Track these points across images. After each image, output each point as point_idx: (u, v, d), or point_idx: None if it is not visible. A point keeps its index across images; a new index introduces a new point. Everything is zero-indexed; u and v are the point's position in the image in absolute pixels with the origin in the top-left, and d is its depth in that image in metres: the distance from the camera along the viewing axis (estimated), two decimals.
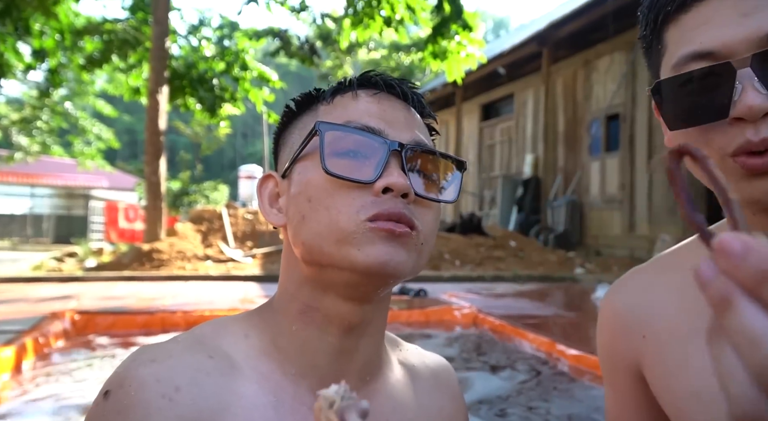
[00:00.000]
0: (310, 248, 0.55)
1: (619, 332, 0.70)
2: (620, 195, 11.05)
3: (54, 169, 23.01)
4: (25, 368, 3.71)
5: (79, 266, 9.57)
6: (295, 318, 0.58)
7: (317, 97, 0.62)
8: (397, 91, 0.60)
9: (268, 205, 0.61)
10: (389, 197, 0.54)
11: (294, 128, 0.62)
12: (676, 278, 0.67)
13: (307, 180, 0.56)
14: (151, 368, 0.51)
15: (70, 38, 10.63)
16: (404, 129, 0.58)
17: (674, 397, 0.62)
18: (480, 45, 9.28)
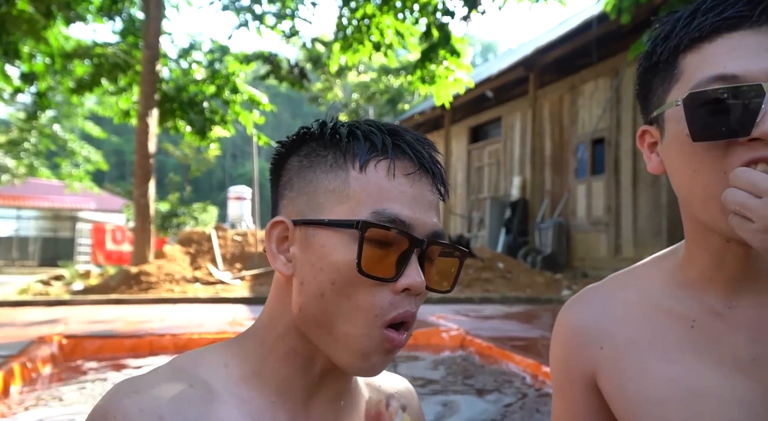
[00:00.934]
0: (317, 323, 0.58)
1: (576, 345, 0.76)
2: (606, 218, 11.21)
3: (41, 191, 22.85)
4: (13, 392, 3.69)
5: (66, 290, 9.49)
6: (279, 357, 0.61)
7: (345, 146, 0.60)
8: (428, 169, 0.61)
9: (276, 250, 0.61)
10: (405, 296, 0.57)
11: (315, 168, 0.60)
12: (633, 296, 0.75)
13: (332, 260, 0.56)
14: (134, 398, 0.53)
15: (60, 62, 10.69)
16: (428, 215, 0.59)
17: (631, 402, 0.69)
18: (468, 70, 9.48)
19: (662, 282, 0.73)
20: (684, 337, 0.69)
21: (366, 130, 0.61)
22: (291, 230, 0.60)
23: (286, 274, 0.60)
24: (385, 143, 0.60)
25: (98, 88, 11.01)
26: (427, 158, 0.61)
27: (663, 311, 0.71)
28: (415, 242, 0.57)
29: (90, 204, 23.72)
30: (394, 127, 0.62)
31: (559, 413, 0.80)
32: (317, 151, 0.61)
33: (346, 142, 0.60)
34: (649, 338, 0.71)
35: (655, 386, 0.68)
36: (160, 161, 28.35)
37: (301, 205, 0.60)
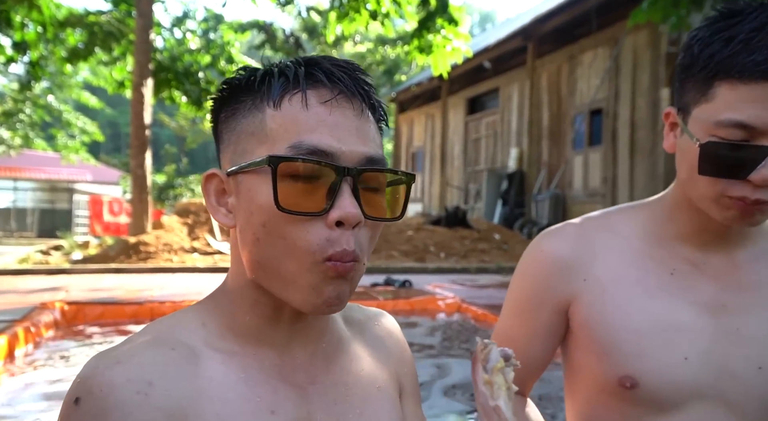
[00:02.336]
0: (263, 268, 0.57)
1: (557, 272, 0.85)
2: (603, 189, 11.25)
3: (37, 163, 22.74)
4: (18, 355, 3.77)
5: (65, 259, 9.55)
6: (247, 310, 0.60)
7: (261, 87, 0.58)
8: (352, 93, 0.58)
9: (216, 202, 0.60)
10: (341, 231, 0.54)
11: (237, 115, 0.59)
12: (611, 237, 0.86)
13: (259, 203, 0.55)
14: (117, 369, 0.51)
15: (52, 30, 10.54)
16: (356, 142, 0.56)
17: (614, 331, 0.80)
18: (466, 39, 9.38)
19: (643, 232, 0.85)
20: (665, 280, 0.81)
21: (282, 67, 0.59)
22: (225, 181, 0.59)
23: (229, 225, 0.59)
24: (298, 75, 0.57)
25: (91, 57, 10.88)
26: (347, 83, 0.57)
27: (647, 257, 0.83)
28: (341, 171, 0.54)
29: (86, 176, 23.64)
30: (314, 57, 0.60)
31: (513, 330, 0.89)
32: (238, 98, 0.60)
33: (260, 82, 0.58)
34: (632, 278, 0.82)
35: (635, 318, 0.79)
36: (155, 133, 28.15)
37: (229, 154, 0.59)
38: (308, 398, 0.61)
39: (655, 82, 9.79)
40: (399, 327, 0.78)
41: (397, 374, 0.73)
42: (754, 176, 0.69)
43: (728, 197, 0.72)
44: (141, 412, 0.50)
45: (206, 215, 11.18)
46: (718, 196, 0.73)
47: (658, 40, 9.75)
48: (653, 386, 0.77)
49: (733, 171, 0.70)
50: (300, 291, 0.55)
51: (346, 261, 0.54)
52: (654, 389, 0.77)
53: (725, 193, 0.72)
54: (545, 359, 0.89)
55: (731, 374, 0.76)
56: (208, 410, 0.54)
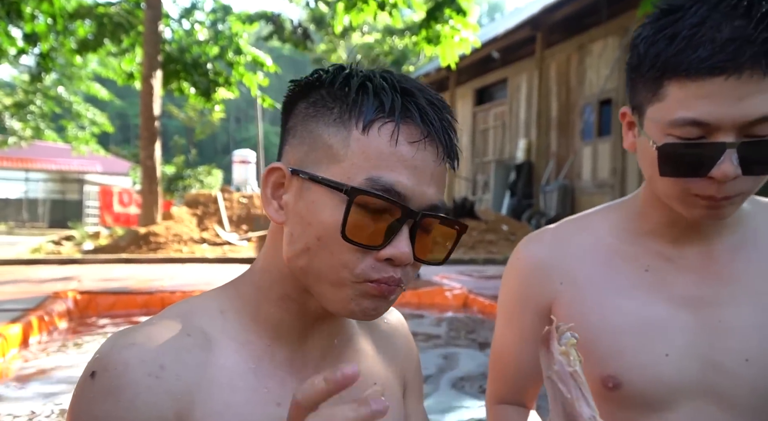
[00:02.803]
0: (305, 274, 0.58)
1: (535, 278, 0.86)
2: (611, 180, 11.20)
3: (48, 154, 22.93)
4: (32, 342, 3.85)
5: (77, 249, 9.67)
6: (273, 301, 0.61)
7: (354, 105, 0.57)
8: (437, 138, 0.58)
9: (270, 195, 0.61)
10: (388, 265, 0.56)
11: (319, 119, 0.59)
12: (589, 240, 0.86)
13: (321, 219, 0.56)
14: (133, 350, 0.53)
15: (62, 22, 10.59)
16: (429, 187, 0.57)
17: (591, 331, 0.80)
18: (474, 29, 9.33)
19: (616, 230, 0.85)
20: (638, 278, 0.81)
21: (378, 86, 0.58)
22: (287, 177, 0.59)
23: (277, 220, 0.60)
24: (394, 104, 0.56)
25: (101, 48, 10.93)
26: (437, 126, 0.58)
27: (619, 255, 0.83)
28: (407, 214, 0.55)
29: (96, 167, 23.82)
30: (410, 85, 0.59)
31: (506, 337, 0.90)
32: (324, 101, 0.59)
33: (354, 97, 0.57)
34: (606, 277, 0.83)
35: (611, 317, 0.80)
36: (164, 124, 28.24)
37: (300, 154, 0.59)
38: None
39: None
40: (406, 324, 0.80)
41: (403, 372, 0.74)
42: (715, 173, 0.68)
43: (694, 195, 0.71)
44: (150, 393, 0.52)
45: (215, 206, 11.26)
46: (684, 194, 0.72)
47: None
48: (636, 385, 0.77)
49: (694, 169, 0.69)
50: (339, 300, 0.57)
51: (390, 284, 0.56)
52: (637, 388, 0.77)
53: (690, 191, 0.71)
54: (539, 364, 0.88)
55: (718, 368, 0.75)
56: (216, 396, 0.56)
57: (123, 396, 0.51)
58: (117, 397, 0.51)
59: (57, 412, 2.78)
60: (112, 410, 0.51)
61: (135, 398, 0.52)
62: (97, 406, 0.52)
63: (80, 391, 0.54)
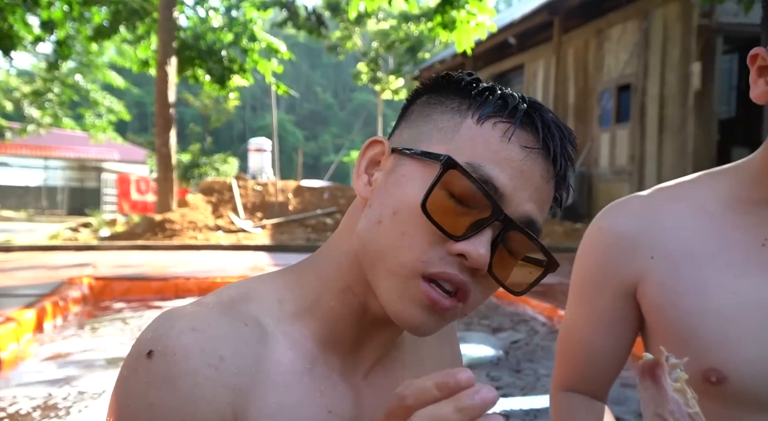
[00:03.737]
0: (366, 252, 0.55)
1: (620, 251, 0.74)
2: (630, 167, 11.02)
3: (66, 142, 23.23)
4: (47, 327, 3.89)
5: (94, 236, 9.78)
6: (335, 293, 0.58)
7: (477, 98, 0.56)
8: (551, 154, 0.54)
9: (364, 169, 0.58)
10: (458, 261, 0.51)
11: (438, 107, 0.57)
12: (685, 208, 0.73)
13: (404, 191, 0.53)
14: (193, 337, 0.51)
15: (78, 9, 10.63)
16: (527, 200, 0.53)
17: (687, 314, 0.68)
18: (491, 14, 9.18)
19: (724, 198, 0.72)
20: (753, 252, 0.68)
21: (505, 92, 0.56)
22: (386, 154, 0.57)
23: (363, 194, 0.57)
24: (518, 108, 0.54)
25: (116, 35, 10.97)
26: (557, 143, 0.54)
27: (730, 224, 0.70)
28: (497, 214, 0.51)
29: (114, 155, 24.07)
30: (539, 103, 0.56)
31: (577, 318, 0.78)
32: (448, 95, 0.57)
33: (478, 92, 0.56)
34: (710, 251, 0.70)
35: (717, 298, 0.67)
36: (180, 112, 28.44)
37: (406, 135, 0.57)
38: (362, 402, 0.60)
39: (686, 57, 9.48)
40: (455, 333, 0.76)
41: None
42: None
43: None
44: (209, 385, 0.49)
45: (230, 194, 11.30)
46: None
47: (689, 13, 9.40)
48: (746, 379, 0.65)
49: None
50: (390, 292, 0.53)
51: (447, 291, 0.51)
52: (747, 383, 0.65)
53: None
54: (616, 351, 0.77)
55: None
56: (270, 395, 0.53)
57: (182, 385, 0.49)
58: (175, 385, 0.49)
59: (74, 394, 2.81)
60: (168, 398, 0.48)
61: (193, 390, 0.49)
62: (152, 391, 0.49)
63: (134, 371, 0.50)
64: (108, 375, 3.09)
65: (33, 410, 2.61)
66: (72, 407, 2.65)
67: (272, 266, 6.65)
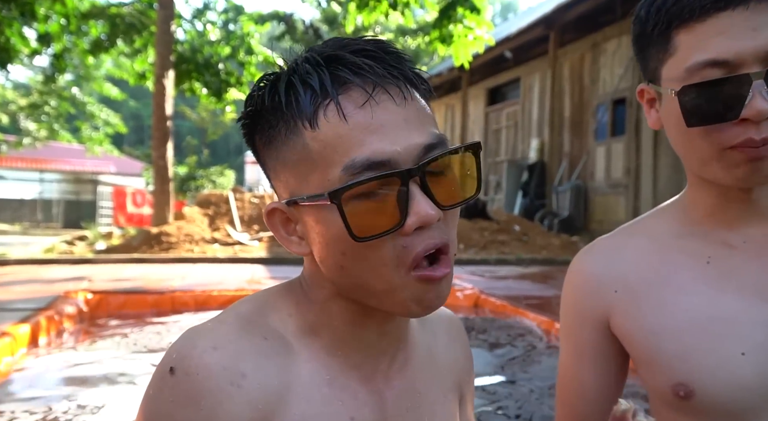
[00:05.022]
0: (353, 292, 0.56)
1: (589, 291, 0.80)
2: (625, 180, 11.06)
3: (62, 155, 23.19)
4: (42, 342, 3.84)
5: (89, 249, 9.72)
6: (335, 315, 0.59)
7: (288, 107, 0.53)
8: (383, 82, 0.52)
9: (285, 234, 0.58)
10: (419, 233, 0.52)
11: (274, 143, 0.55)
12: (643, 242, 0.79)
13: (332, 233, 0.53)
14: (215, 355, 0.51)
15: (75, 22, 10.67)
16: (409, 135, 0.52)
17: (650, 335, 0.73)
18: (489, 27, 9.25)
19: (671, 226, 0.78)
20: (700, 271, 0.73)
21: (303, 74, 0.53)
22: (288, 211, 0.57)
23: (305, 253, 0.57)
24: (324, 83, 0.52)
25: (114, 49, 11.01)
26: (378, 70, 0.52)
27: (676, 250, 0.75)
28: (404, 176, 0.50)
29: (110, 167, 24.03)
30: (334, 49, 0.54)
31: (567, 355, 0.83)
32: (269, 123, 0.55)
33: (287, 102, 0.53)
34: (663, 276, 0.75)
35: (672, 316, 0.72)
36: (177, 125, 28.48)
37: (283, 184, 0.57)
38: (384, 405, 0.60)
39: None
40: (465, 331, 0.77)
41: (460, 380, 0.72)
42: (748, 112, 0.61)
43: (731, 148, 0.63)
44: (232, 403, 0.51)
45: (226, 206, 11.28)
46: (719, 152, 0.64)
47: None
48: (710, 391, 0.67)
49: (723, 112, 0.62)
50: (398, 304, 0.54)
51: (435, 259, 0.53)
52: (712, 394, 0.67)
53: (727, 143, 0.63)
54: (605, 387, 0.80)
55: None
56: (294, 407, 0.54)
57: (204, 404, 0.50)
58: (198, 404, 0.50)
59: (73, 408, 2.78)
60: (192, 417, 0.50)
61: (216, 407, 0.50)
62: (177, 411, 0.50)
63: (159, 390, 0.52)
64: (104, 390, 3.06)
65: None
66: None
67: (269, 279, 6.62)
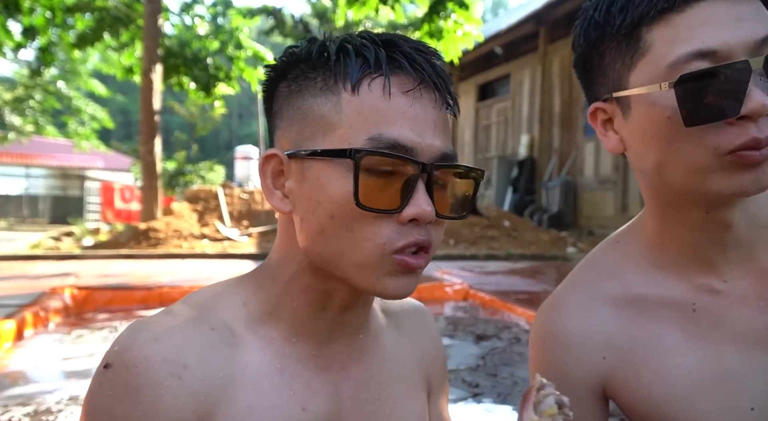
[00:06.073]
0: (325, 260, 0.54)
1: (575, 358, 0.70)
2: (614, 176, 11.13)
3: (48, 150, 22.92)
4: (27, 338, 3.80)
5: (76, 245, 9.63)
6: (295, 295, 0.57)
7: (336, 66, 0.54)
8: (432, 83, 0.54)
9: (272, 185, 0.57)
10: (413, 226, 0.52)
11: (304, 93, 0.55)
12: (609, 288, 0.70)
13: (329, 194, 0.52)
14: (156, 347, 0.50)
15: (61, 16, 10.53)
16: (434, 136, 0.54)
17: (658, 405, 0.66)
18: (477, 23, 9.25)
19: (640, 267, 0.69)
20: (688, 324, 0.66)
21: (358, 44, 0.54)
22: (285, 163, 0.55)
23: (284, 210, 0.56)
24: (379, 58, 0.53)
25: (100, 42, 10.87)
26: (429, 71, 0.54)
27: (655, 301, 0.68)
28: (419, 168, 0.52)
29: (98, 163, 23.80)
30: (391, 36, 0.56)
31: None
32: (305, 74, 0.55)
33: (335, 60, 0.54)
34: (651, 334, 0.67)
35: (678, 383, 0.65)
36: (165, 120, 28.27)
37: (293, 135, 0.55)
38: (340, 396, 0.59)
39: None
40: (434, 322, 0.75)
41: (428, 373, 0.71)
42: (750, 106, 0.53)
43: (731, 152, 0.55)
44: (172, 395, 0.49)
45: (215, 202, 11.21)
46: (718, 156, 0.56)
47: None
48: None
49: (725, 107, 0.54)
50: (366, 280, 0.54)
51: (417, 252, 0.53)
52: None
53: (726, 147, 0.55)
54: None
55: None
56: (240, 398, 0.53)
57: (143, 397, 0.49)
58: (137, 398, 0.49)
59: (66, 399, 2.74)
60: (131, 411, 0.49)
61: (156, 400, 0.49)
62: (116, 405, 0.49)
63: (98, 386, 0.50)
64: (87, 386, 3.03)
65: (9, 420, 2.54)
66: (55, 417, 2.58)
67: None
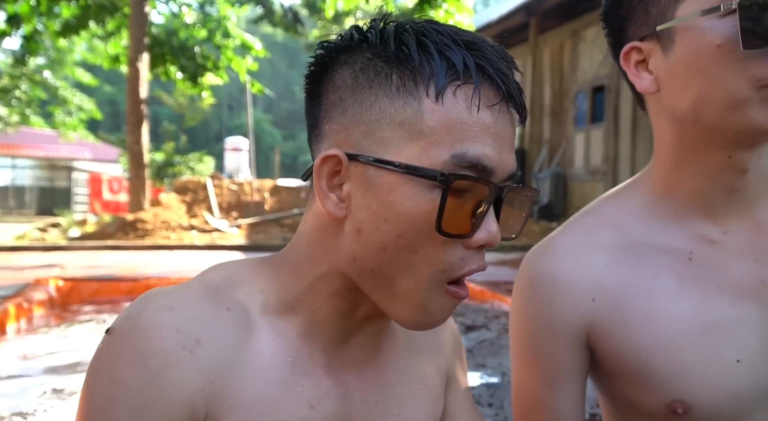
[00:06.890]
0: (375, 276, 0.51)
1: (563, 303, 0.67)
2: (604, 167, 11.16)
3: (35, 140, 22.60)
4: (10, 330, 3.75)
5: (62, 236, 9.53)
6: (319, 297, 0.54)
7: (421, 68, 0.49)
8: (515, 97, 0.51)
9: (326, 187, 0.51)
10: (477, 251, 0.50)
11: (377, 91, 0.50)
12: (608, 238, 0.69)
13: (403, 213, 0.48)
14: (170, 315, 0.47)
15: (46, 3, 10.35)
16: (509, 154, 0.51)
17: (644, 351, 0.64)
18: (469, 13, 9.20)
19: (640, 218, 0.69)
20: (683, 271, 0.66)
21: (440, 44, 0.49)
22: (345, 165, 0.50)
23: (338, 215, 0.51)
24: (467, 64, 0.48)
25: (85, 31, 10.71)
26: (513, 84, 0.50)
27: (653, 248, 0.67)
28: (495, 191, 0.48)
29: (85, 154, 23.53)
30: (471, 37, 0.50)
31: (535, 382, 0.69)
32: (378, 67, 0.50)
33: (419, 61, 0.48)
34: (645, 280, 0.66)
35: (665, 330, 0.64)
36: (154, 111, 28.00)
37: (357, 135, 0.50)
38: (350, 398, 0.56)
39: None
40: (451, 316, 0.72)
41: (446, 366, 0.67)
42: None
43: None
44: (180, 368, 0.46)
45: (204, 193, 11.12)
46: (759, 88, 0.56)
47: None
48: (708, 404, 0.63)
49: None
50: (407, 308, 0.51)
51: (461, 283, 0.51)
52: (709, 407, 0.63)
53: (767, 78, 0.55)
54: (577, 410, 0.70)
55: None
56: (249, 386, 0.50)
57: (150, 363, 0.45)
58: (144, 363, 0.45)
59: (49, 392, 2.71)
60: (135, 376, 0.45)
61: (163, 370, 0.45)
62: (119, 367, 0.45)
63: (105, 347, 0.47)
64: (74, 378, 2.99)
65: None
66: (38, 409, 2.55)
67: None
